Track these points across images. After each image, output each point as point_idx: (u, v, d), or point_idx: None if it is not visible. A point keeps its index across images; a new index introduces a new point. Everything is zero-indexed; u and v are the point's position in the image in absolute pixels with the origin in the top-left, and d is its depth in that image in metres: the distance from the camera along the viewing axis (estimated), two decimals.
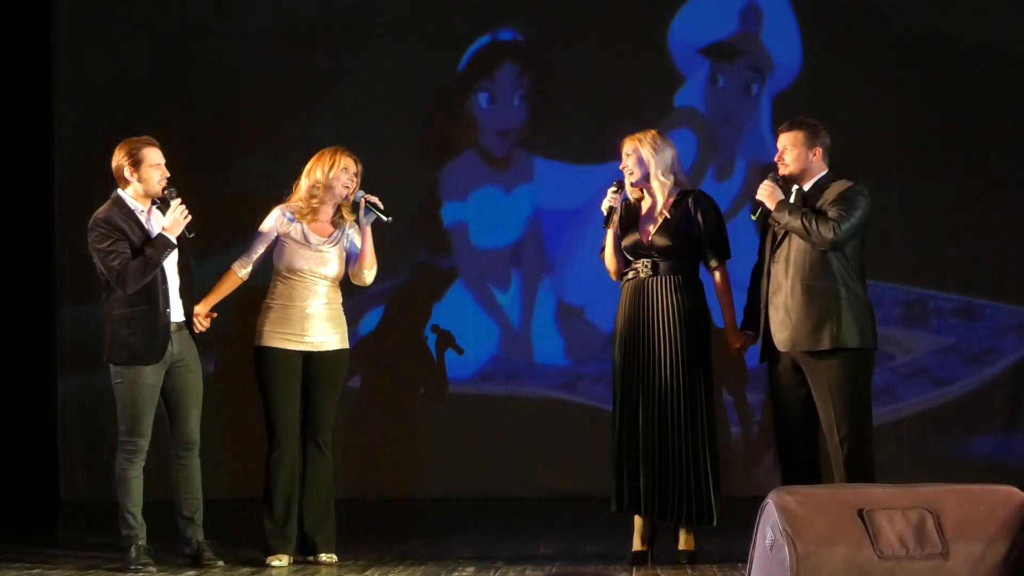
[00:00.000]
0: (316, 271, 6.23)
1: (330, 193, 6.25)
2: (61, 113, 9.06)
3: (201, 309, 6.21)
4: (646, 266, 6.12)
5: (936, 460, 8.60)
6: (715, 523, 6.06)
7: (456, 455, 8.91)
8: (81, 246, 8.67)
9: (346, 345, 6.34)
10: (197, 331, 6.22)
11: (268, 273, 6.35)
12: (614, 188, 6.19)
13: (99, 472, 8.67)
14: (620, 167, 6.21)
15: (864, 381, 5.97)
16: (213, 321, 6.28)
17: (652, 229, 6.13)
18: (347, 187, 6.25)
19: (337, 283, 6.32)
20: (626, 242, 6.18)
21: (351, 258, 6.30)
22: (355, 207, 6.28)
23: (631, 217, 6.22)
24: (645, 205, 6.22)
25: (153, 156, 6.12)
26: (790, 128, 6.06)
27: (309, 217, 6.25)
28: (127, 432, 6.09)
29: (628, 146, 6.18)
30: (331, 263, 6.25)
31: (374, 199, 6.25)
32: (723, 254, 6.19)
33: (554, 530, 7.68)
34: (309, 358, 6.23)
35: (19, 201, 8.97)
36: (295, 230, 6.25)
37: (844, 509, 3.88)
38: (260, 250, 6.28)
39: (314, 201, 6.25)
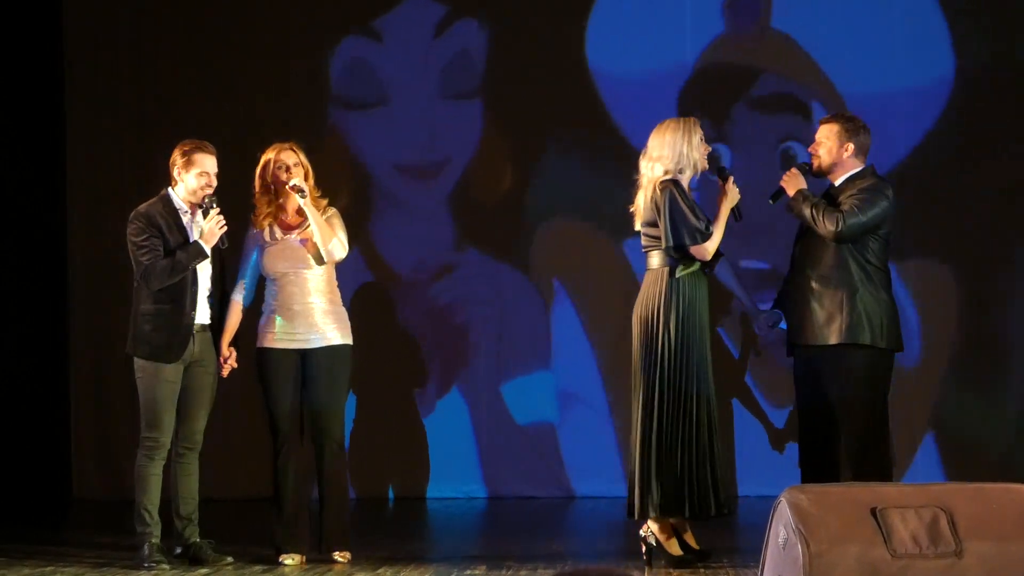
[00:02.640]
0: (293, 267, 6.19)
1: (279, 190, 6.22)
2: (73, 108, 9.06)
3: (224, 351, 6.22)
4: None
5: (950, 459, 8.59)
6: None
7: (467, 454, 8.91)
8: (93, 245, 8.80)
9: (347, 340, 6.25)
10: (224, 374, 6.25)
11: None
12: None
13: (112, 470, 8.70)
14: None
15: (875, 380, 5.95)
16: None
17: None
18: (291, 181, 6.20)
19: (326, 276, 6.24)
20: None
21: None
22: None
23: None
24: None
25: (204, 162, 6.14)
26: (829, 120, 6.09)
27: (268, 220, 6.25)
28: (147, 427, 6.12)
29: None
30: (305, 256, 6.21)
31: (294, 182, 6.13)
32: None
33: (565, 528, 7.69)
34: (307, 356, 6.21)
35: (32, 200, 8.98)
36: (266, 233, 6.25)
37: (857, 508, 3.87)
38: (248, 268, 6.28)
39: (265, 201, 6.25)
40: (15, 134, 8.90)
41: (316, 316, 6.20)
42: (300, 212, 6.21)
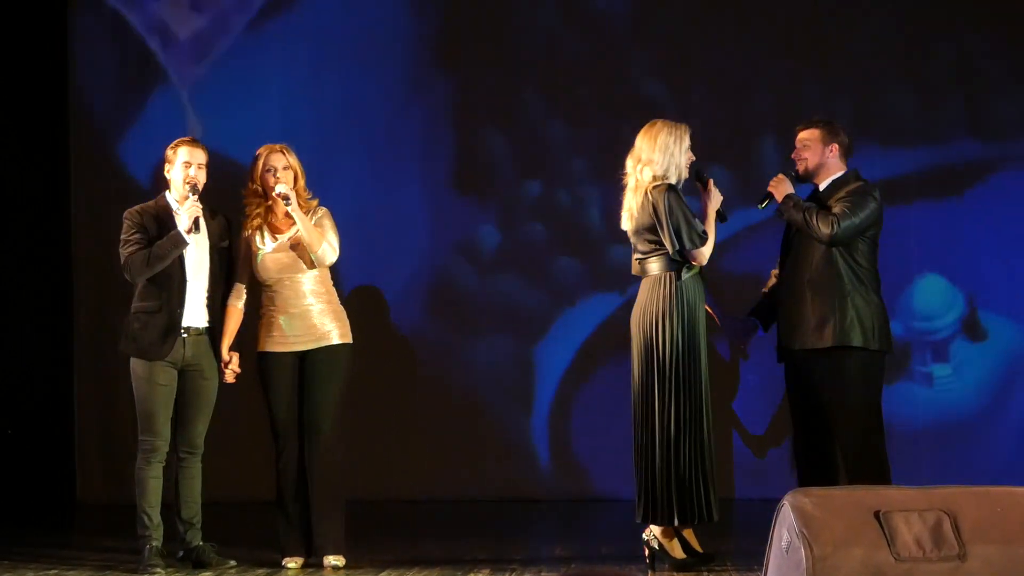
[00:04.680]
0: (287, 272, 6.19)
1: (268, 193, 6.21)
2: (77, 110, 9.08)
3: (224, 356, 6.23)
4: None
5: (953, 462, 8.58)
6: None
7: (470, 456, 8.91)
8: (97, 248, 8.80)
9: (346, 340, 6.23)
10: (229, 380, 6.25)
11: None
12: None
13: (116, 474, 8.70)
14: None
15: (869, 382, 5.98)
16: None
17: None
18: (283, 184, 6.18)
19: (321, 277, 6.23)
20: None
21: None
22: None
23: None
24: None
25: (183, 154, 6.17)
26: (808, 126, 6.13)
27: (258, 222, 6.25)
28: (142, 430, 6.13)
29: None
30: (297, 260, 6.18)
31: (279, 189, 6.13)
32: None
33: (570, 532, 7.68)
34: (304, 357, 6.21)
35: (36, 203, 9.00)
36: (258, 238, 6.25)
37: (860, 511, 3.87)
38: (244, 274, 6.28)
39: (254, 205, 6.25)
40: (19, 136, 8.92)
41: (314, 318, 6.20)
42: (291, 215, 6.21)
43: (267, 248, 6.22)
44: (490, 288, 9.04)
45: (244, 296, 6.31)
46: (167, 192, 6.23)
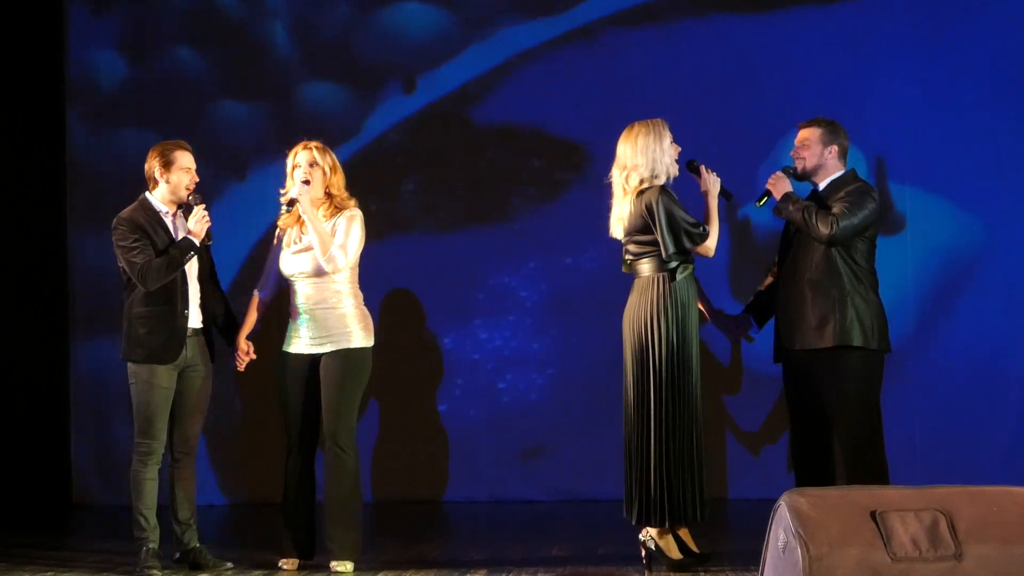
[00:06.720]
0: (303, 271, 6.17)
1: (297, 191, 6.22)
2: (74, 113, 9.08)
3: (241, 345, 6.25)
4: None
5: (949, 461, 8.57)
6: None
7: (469, 457, 8.90)
8: (93, 251, 8.80)
9: (365, 343, 6.18)
10: (241, 368, 6.28)
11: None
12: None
13: (112, 476, 8.70)
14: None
15: (868, 382, 5.98)
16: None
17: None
18: (307, 182, 6.17)
19: (345, 278, 6.18)
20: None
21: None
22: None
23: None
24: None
25: (184, 160, 6.18)
26: (809, 124, 6.12)
27: (291, 220, 6.24)
28: (140, 433, 6.12)
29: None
30: (314, 261, 6.14)
31: (292, 193, 6.13)
32: None
33: (567, 532, 7.68)
34: (319, 360, 6.22)
35: (32, 206, 9.00)
36: (289, 234, 6.26)
37: (857, 511, 3.87)
38: (271, 267, 6.30)
39: (288, 203, 6.25)
40: (16, 135, 8.92)
41: (334, 320, 6.17)
42: (323, 217, 6.19)
43: (290, 248, 6.22)
44: (502, 294, 9.00)
45: (269, 290, 6.31)
46: (148, 193, 6.20)
